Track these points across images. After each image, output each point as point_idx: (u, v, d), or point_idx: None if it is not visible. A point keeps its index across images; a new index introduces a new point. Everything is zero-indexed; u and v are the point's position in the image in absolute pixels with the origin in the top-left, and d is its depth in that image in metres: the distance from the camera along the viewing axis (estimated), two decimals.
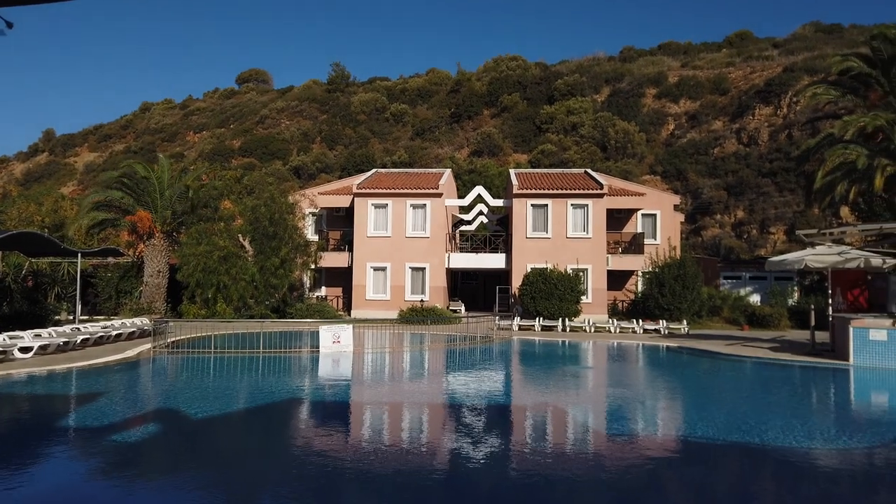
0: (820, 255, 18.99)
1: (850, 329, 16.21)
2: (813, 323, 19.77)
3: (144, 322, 22.13)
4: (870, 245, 26.34)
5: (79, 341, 17.80)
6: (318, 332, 18.85)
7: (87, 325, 19.97)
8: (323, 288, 34.59)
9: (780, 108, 53.18)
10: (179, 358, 17.53)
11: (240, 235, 28.78)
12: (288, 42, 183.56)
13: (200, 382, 14.18)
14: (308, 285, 33.23)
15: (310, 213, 32.78)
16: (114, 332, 19.76)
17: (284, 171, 62.20)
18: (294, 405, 11.87)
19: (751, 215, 47.56)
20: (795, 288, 32.19)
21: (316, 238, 33.24)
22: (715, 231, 48.72)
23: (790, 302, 30.53)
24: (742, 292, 32.46)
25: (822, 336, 19.88)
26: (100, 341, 19.02)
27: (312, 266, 31.00)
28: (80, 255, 23.72)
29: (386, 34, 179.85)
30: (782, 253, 28.25)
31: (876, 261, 19.20)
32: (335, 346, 18.36)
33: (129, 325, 21.31)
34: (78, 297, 24.54)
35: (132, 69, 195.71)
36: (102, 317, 28.11)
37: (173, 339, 19.80)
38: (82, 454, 8.30)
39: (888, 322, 16.99)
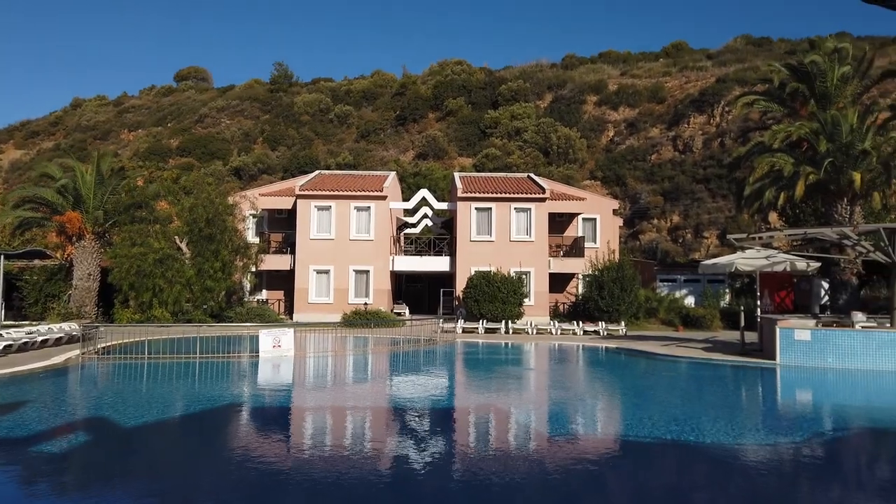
0: (749, 259, 19.83)
1: (777, 330, 16.96)
2: (743, 324, 20.60)
3: (73, 327, 21.17)
4: (795, 249, 27.69)
5: (1, 348, 16.89)
6: (257, 337, 18.45)
7: (11, 330, 18.97)
8: (264, 291, 33.91)
9: (714, 117, 55.27)
10: (110, 364, 16.85)
11: (176, 237, 27.92)
12: (229, 40, 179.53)
13: (132, 390, 13.67)
14: (248, 289, 32.50)
15: (250, 214, 32.09)
16: (40, 338, 18.83)
17: (224, 171, 60.72)
18: (231, 412, 11.57)
19: (686, 220, 49.23)
20: (727, 290, 33.48)
21: (257, 240, 32.57)
22: (652, 235, 50.21)
23: (722, 304, 31.72)
24: (677, 294, 33.55)
25: (752, 336, 20.74)
26: (24, 347, 18.09)
27: (253, 269, 30.34)
28: (2, 256, 22.52)
29: (330, 35, 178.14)
30: (715, 256, 29.33)
31: (801, 264, 20.19)
32: (275, 350, 18.01)
33: (56, 330, 20.34)
34: (0, 301, 23.28)
35: (62, 63, 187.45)
36: (28, 322, 26.75)
37: (104, 344, 19.02)
38: (2, 468, 7.87)
39: (812, 323, 17.87)
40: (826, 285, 25.95)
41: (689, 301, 33.24)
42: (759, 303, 21.16)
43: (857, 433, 10.78)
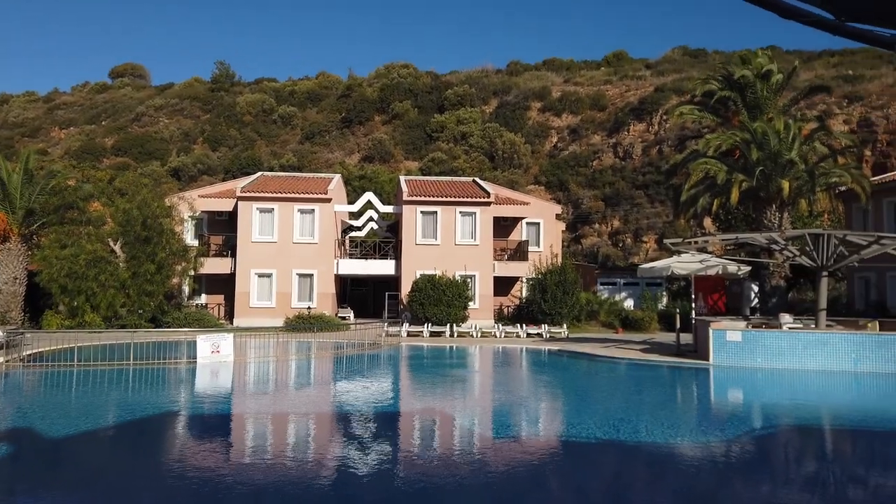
0: (684, 263, 20.51)
1: (710, 331, 17.59)
2: (678, 326, 21.27)
3: None
4: (728, 253, 28.79)
5: None
6: (195, 342, 17.94)
7: None
8: (203, 295, 32.99)
9: (652, 125, 56.99)
10: (37, 372, 16.08)
11: (110, 239, 26.89)
12: (168, 36, 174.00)
13: (60, 398, 13.08)
14: (187, 293, 31.58)
15: (189, 217, 31.19)
16: None
17: (162, 172, 58.87)
18: (165, 420, 11.21)
19: (626, 225, 50.55)
20: (664, 293, 34.52)
21: (196, 243, 31.66)
22: (594, 239, 51.33)
23: (659, 306, 32.66)
24: (617, 297, 34.37)
25: (687, 338, 21.44)
26: None
27: (192, 272, 29.50)
28: None
29: (274, 34, 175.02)
30: (654, 260, 30.22)
31: (732, 268, 21.02)
32: (214, 356, 17.55)
33: None
34: None
35: None
36: None
37: (30, 351, 18.14)
38: None
39: (742, 325, 18.63)
40: (756, 288, 27.07)
41: (629, 304, 34.10)
42: (693, 305, 21.91)
43: (784, 430, 11.28)
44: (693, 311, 21.80)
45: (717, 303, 22.59)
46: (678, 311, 22.98)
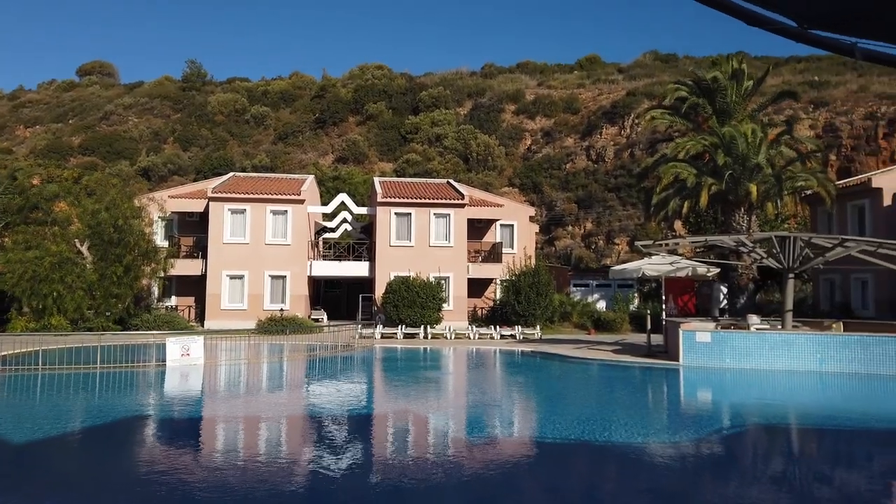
0: (655, 265, 20.80)
1: (680, 332, 17.85)
2: (649, 327, 21.54)
3: None
4: (698, 256, 29.23)
5: None
6: (165, 345, 17.65)
7: None
8: (173, 297, 32.47)
9: (624, 129, 57.66)
10: (0, 376, 15.67)
11: (77, 241, 26.33)
12: (137, 34, 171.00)
13: (24, 403, 12.77)
14: (156, 295, 31.05)
15: (159, 217, 30.67)
16: None
17: (132, 171, 57.82)
18: (132, 425, 11.01)
19: (598, 227, 51.05)
20: (636, 294, 34.93)
21: (166, 244, 31.16)
22: (567, 241, 51.73)
23: (631, 307, 33.02)
24: (590, 299, 34.69)
25: (658, 339, 21.72)
26: None
27: (161, 274, 29.03)
28: None
29: (246, 34, 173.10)
30: (625, 262, 30.56)
31: (702, 270, 21.37)
32: (184, 359, 17.29)
33: None
34: None
35: None
36: None
37: None
38: None
39: (712, 326, 18.93)
40: (725, 290, 27.52)
41: (601, 305, 34.43)
42: (664, 307, 22.20)
43: (750, 429, 11.49)
44: (664, 313, 22.10)
45: (687, 304, 22.94)
46: (649, 312, 23.29)
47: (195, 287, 31.62)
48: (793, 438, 11.02)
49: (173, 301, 32.25)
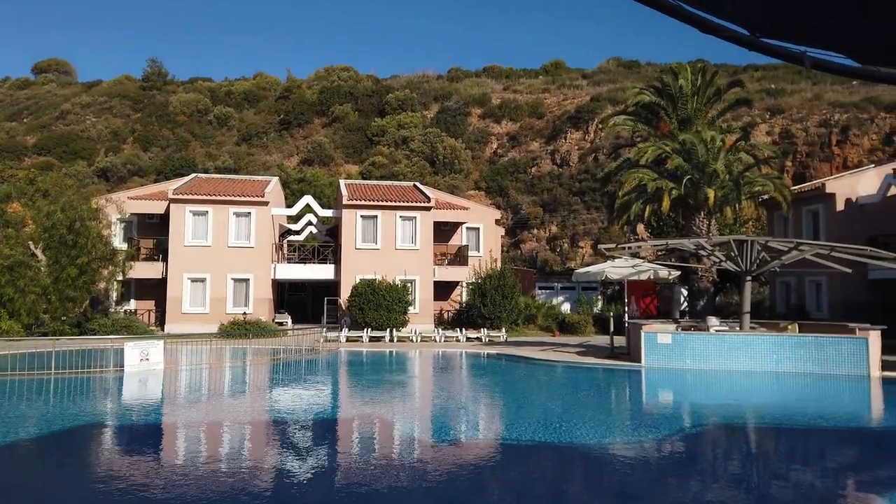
0: (618, 268, 21.10)
1: (642, 334, 18.13)
2: (612, 329, 21.85)
3: None
4: (659, 259, 29.76)
5: None
6: (123, 350, 17.22)
7: None
8: (132, 301, 31.73)
9: (588, 134, 58.42)
10: None
11: (31, 243, 25.54)
12: (96, 31, 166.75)
13: None
14: (115, 298, 30.29)
15: (117, 219, 29.95)
16: None
17: (89, 172, 56.35)
18: (87, 432, 10.71)
19: (563, 230, 51.59)
20: (599, 297, 35.39)
21: (125, 246, 30.44)
22: (532, 244, 52.15)
23: (595, 310, 33.45)
24: (554, 301, 35.02)
25: (621, 340, 22.04)
26: None
27: (120, 277, 28.34)
28: None
29: (209, 33, 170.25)
30: (589, 265, 30.92)
31: (663, 272, 21.75)
32: (143, 364, 16.89)
33: None
34: None
35: None
36: None
37: None
38: None
39: (672, 327, 19.28)
40: (685, 292, 28.10)
41: (566, 307, 34.78)
42: (626, 309, 22.54)
43: (710, 428, 11.73)
44: (626, 315, 22.43)
45: (648, 306, 23.32)
46: (612, 314, 23.60)
47: (155, 290, 30.96)
48: (749, 438, 11.28)
49: (132, 305, 31.53)
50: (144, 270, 30.21)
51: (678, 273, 23.66)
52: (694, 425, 12.12)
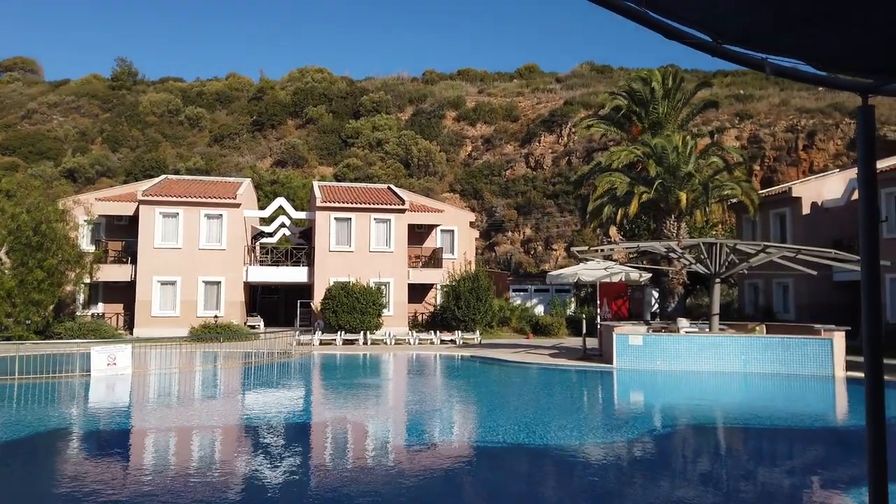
0: (590, 270, 21.29)
1: (614, 336, 18.31)
2: (585, 331, 22.03)
3: None
4: (631, 261, 30.10)
5: None
6: (89, 354, 16.87)
7: None
8: (100, 304, 31.09)
9: (562, 137, 58.87)
10: None
11: None
12: (63, 29, 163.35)
13: None
14: (82, 302, 29.67)
15: (85, 221, 29.34)
16: None
17: (56, 173, 55.16)
18: (51, 439, 10.47)
19: (537, 233, 51.89)
20: (572, 299, 35.65)
21: (92, 249, 29.84)
22: (507, 247, 52.35)
23: (568, 312, 33.70)
24: (528, 304, 35.19)
25: (593, 342, 22.22)
26: None
27: (87, 280, 27.76)
28: None
29: (180, 32, 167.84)
30: (563, 268, 31.15)
31: (634, 275, 22.00)
32: (110, 368, 16.57)
33: None
34: None
35: None
36: None
37: None
38: None
39: (644, 329, 19.50)
40: (656, 294, 28.48)
41: (539, 310, 34.97)
42: (599, 311, 22.75)
43: (680, 428, 11.89)
44: (598, 317, 22.63)
45: (620, 308, 23.57)
46: (585, 316, 23.81)
47: (124, 293, 30.41)
48: (718, 438, 11.45)
49: (100, 308, 30.92)
50: (113, 273, 29.66)
51: (649, 275, 23.96)
52: (664, 426, 12.26)
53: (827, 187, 28.46)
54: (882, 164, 25.29)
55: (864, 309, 2.42)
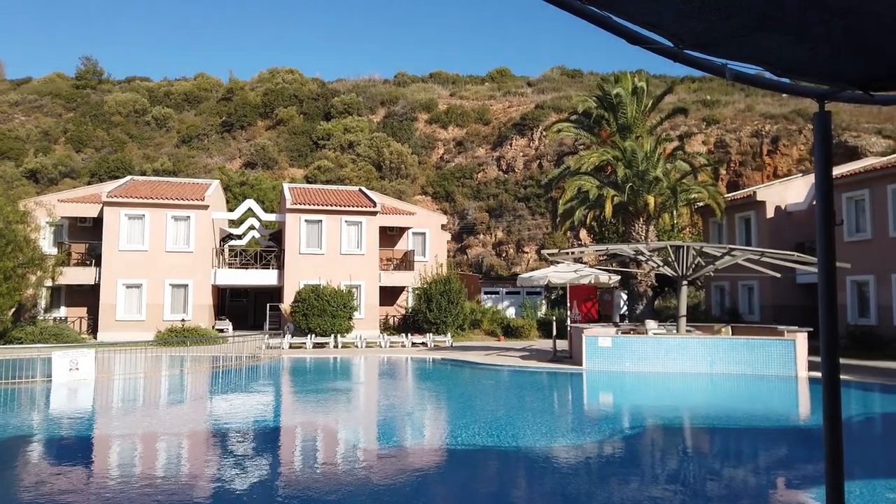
0: (560, 273, 21.46)
1: (584, 337, 18.47)
2: (555, 333, 22.17)
3: None
4: (601, 264, 30.42)
5: None
6: (51, 359, 16.43)
7: None
8: (63, 308, 30.36)
9: (533, 140, 59.30)
10: None
11: None
12: (26, 26, 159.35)
13: None
14: (43, 305, 28.94)
15: (47, 223, 28.63)
16: None
17: (16, 173, 53.75)
18: (9, 447, 10.17)
19: (508, 236, 52.15)
20: (543, 301, 35.90)
21: (55, 251, 29.12)
22: (478, 250, 52.50)
23: (539, 314, 33.92)
24: (500, 306, 35.33)
25: (563, 344, 22.38)
26: None
27: (49, 283, 27.08)
28: None
29: (148, 31, 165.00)
30: (534, 270, 31.33)
31: (604, 277, 22.24)
32: (73, 373, 16.17)
33: None
34: None
35: None
36: None
37: None
38: None
39: (613, 331, 19.71)
40: (625, 296, 28.80)
41: (510, 312, 35.13)
42: (569, 313, 22.93)
43: (648, 429, 12.03)
44: (569, 319, 22.80)
45: (590, 310, 23.77)
46: (555, 318, 23.97)
47: (88, 297, 29.76)
48: (685, 437, 11.61)
49: (63, 312, 30.19)
50: (76, 276, 28.98)
51: (619, 278, 24.23)
52: (632, 427, 12.40)
53: (790, 192, 29.13)
54: (843, 170, 25.99)
55: (822, 310, 2.47)
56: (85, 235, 30.94)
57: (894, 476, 8.64)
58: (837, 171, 25.45)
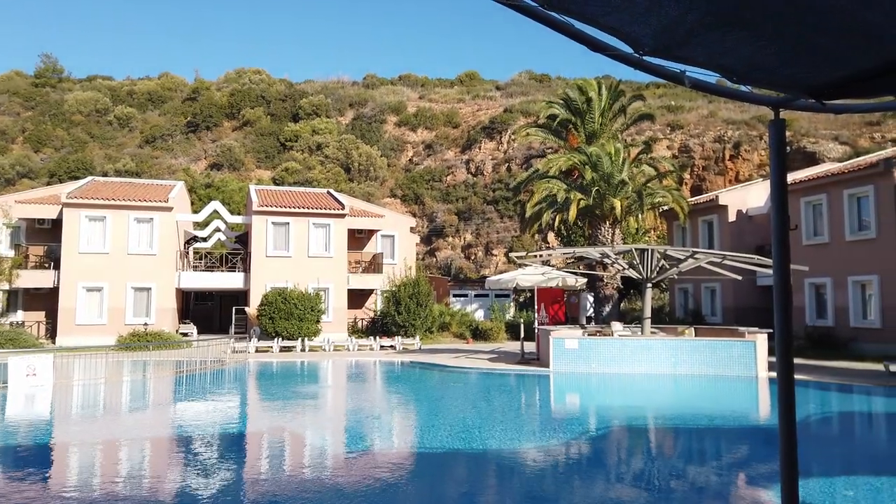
0: (528, 276, 21.61)
1: (551, 340, 18.62)
2: (523, 335, 22.31)
3: None
4: (568, 266, 30.73)
5: None
6: (6, 364, 15.94)
7: None
8: (20, 312, 29.49)
9: (501, 144, 59.65)
10: None
11: None
12: None
13: None
14: (0, 309, 28.07)
15: (3, 224, 27.79)
16: None
17: None
18: None
19: (477, 238, 52.34)
20: (511, 304, 36.10)
21: (11, 253, 28.28)
22: (447, 252, 52.56)
23: (507, 317, 34.09)
24: (468, 309, 35.41)
25: (531, 346, 22.51)
26: None
27: (6, 286, 26.28)
28: None
29: (110, 28, 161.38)
30: (502, 273, 31.50)
31: (571, 280, 22.47)
32: (29, 379, 15.70)
33: None
34: None
35: None
36: None
37: None
38: None
39: (579, 333, 19.91)
40: (592, 298, 29.12)
41: (479, 315, 35.23)
42: (536, 315, 23.10)
43: (614, 430, 12.18)
44: (536, 321, 22.97)
45: (557, 313, 23.99)
46: (523, 321, 24.11)
47: (46, 300, 28.95)
48: (649, 437, 11.79)
49: (20, 316, 29.34)
50: (34, 279, 28.19)
51: (585, 280, 24.50)
52: (598, 427, 12.54)
53: (751, 196, 29.81)
54: (801, 175, 26.70)
55: (777, 312, 2.53)
56: (43, 237, 30.10)
57: (851, 473, 8.90)
58: (796, 176, 26.15)
